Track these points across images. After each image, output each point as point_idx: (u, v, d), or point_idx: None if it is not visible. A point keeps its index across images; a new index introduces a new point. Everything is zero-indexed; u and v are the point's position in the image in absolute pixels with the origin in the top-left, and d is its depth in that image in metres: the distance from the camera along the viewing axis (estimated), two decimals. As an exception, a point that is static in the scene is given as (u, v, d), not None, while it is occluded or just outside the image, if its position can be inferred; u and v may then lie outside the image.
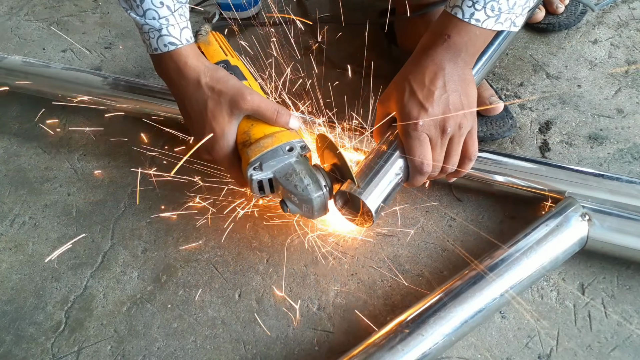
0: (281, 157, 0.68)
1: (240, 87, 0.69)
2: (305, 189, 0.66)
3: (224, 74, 0.71)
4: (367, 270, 0.78)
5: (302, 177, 0.67)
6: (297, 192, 0.66)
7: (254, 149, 0.68)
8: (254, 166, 0.68)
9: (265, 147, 0.68)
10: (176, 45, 0.68)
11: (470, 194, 0.85)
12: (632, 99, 0.94)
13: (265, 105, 0.70)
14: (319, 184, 0.67)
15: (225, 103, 0.69)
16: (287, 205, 0.69)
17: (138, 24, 0.68)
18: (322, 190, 0.67)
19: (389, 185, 0.67)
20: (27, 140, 1.02)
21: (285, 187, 0.67)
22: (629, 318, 0.71)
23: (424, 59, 0.65)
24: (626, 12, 1.09)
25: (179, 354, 0.73)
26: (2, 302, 0.81)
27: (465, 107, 0.65)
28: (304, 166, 0.68)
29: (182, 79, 0.70)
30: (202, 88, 0.69)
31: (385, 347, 0.63)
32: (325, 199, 0.67)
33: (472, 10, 0.62)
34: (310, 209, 0.67)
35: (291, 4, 1.22)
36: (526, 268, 0.68)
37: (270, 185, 0.69)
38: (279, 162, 0.68)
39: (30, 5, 1.31)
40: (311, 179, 0.67)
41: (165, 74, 0.72)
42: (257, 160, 0.67)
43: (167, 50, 0.69)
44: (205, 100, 0.69)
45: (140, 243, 0.85)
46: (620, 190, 0.74)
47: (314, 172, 0.68)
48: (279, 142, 0.69)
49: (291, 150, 0.69)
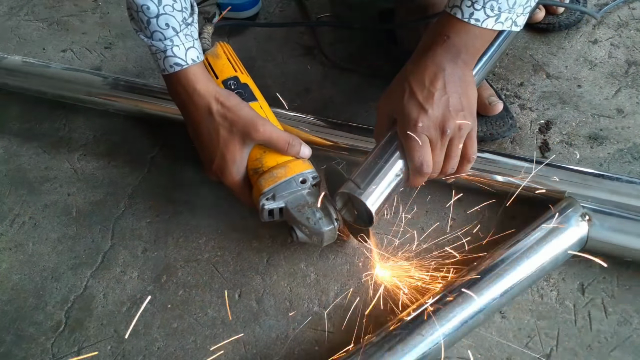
0: (294, 188, 0.69)
1: (252, 117, 0.70)
2: (317, 222, 0.68)
3: (235, 101, 0.71)
4: (367, 270, 0.78)
5: (314, 209, 0.68)
6: (309, 225, 0.68)
7: (267, 179, 0.70)
8: (267, 197, 0.69)
9: (279, 178, 0.69)
10: (182, 66, 0.69)
11: (470, 194, 0.85)
12: (632, 99, 0.94)
13: (277, 136, 0.71)
14: (331, 218, 0.68)
15: (238, 132, 0.70)
16: (297, 234, 0.70)
17: (148, 47, 0.69)
18: (333, 224, 0.68)
19: (389, 186, 0.67)
20: (27, 140, 1.02)
21: (297, 219, 0.68)
22: (629, 318, 0.71)
23: (423, 60, 0.65)
24: (626, 12, 1.09)
25: (179, 354, 0.73)
26: (2, 302, 0.81)
27: (465, 109, 0.65)
28: (315, 199, 0.69)
29: (192, 105, 0.71)
30: (213, 115, 0.70)
31: (385, 347, 0.63)
32: (335, 231, 0.69)
33: (471, 10, 0.62)
34: (320, 240, 0.70)
35: (291, 4, 1.22)
36: (526, 268, 0.68)
37: (280, 212, 0.71)
38: (291, 193, 0.69)
39: (30, 5, 1.31)
40: (323, 212, 0.68)
41: (175, 96, 0.73)
42: (270, 191, 0.69)
43: (173, 72, 0.69)
44: (216, 128, 0.70)
45: (140, 243, 0.85)
46: (620, 190, 0.74)
47: (326, 205, 0.69)
48: (292, 173, 0.70)
49: (304, 182, 0.70)
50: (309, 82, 1.05)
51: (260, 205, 0.69)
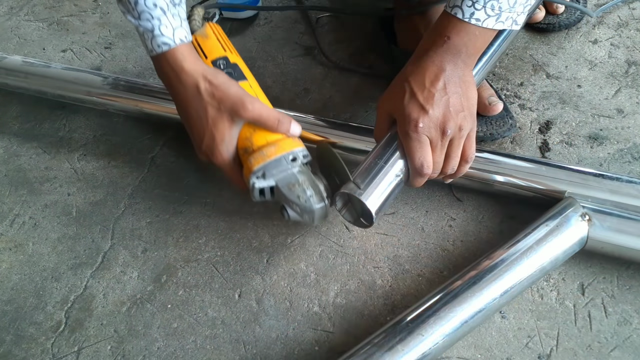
0: (284, 167, 0.69)
1: (241, 95, 0.69)
2: (308, 200, 0.67)
3: (224, 79, 0.70)
4: (367, 270, 0.78)
5: (304, 188, 0.68)
6: (300, 203, 0.67)
7: (256, 158, 0.69)
8: (257, 175, 0.68)
9: (268, 156, 0.69)
10: (169, 46, 0.67)
11: (470, 194, 0.85)
12: (632, 99, 0.94)
13: (266, 114, 0.69)
14: (322, 195, 0.68)
15: (226, 111, 0.69)
16: (288, 213, 0.69)
17: (135, 28, 0.68)
18: (324, 201, 0.68)
19: (389, 186, 0.67)
20: (27, 140, 1.02)
21: (288, 197, 0.68)
22: (629, 318, 0.71)
23: (424, 61, 0.65)
24: (626, 12, 1.09)
25: (179, 354, 0.73)
26: (2, 302, 0.81)
27: (466, 109, 0.65)
28: (306, 177, 0.69)
29: (180, 84, 0.70)
30: (201, 94, 0.68)
31: (385, 347, 0.63)
32: (326, 209, 0.69)
33: (472, 10, 0.62)
34: (311, 219, 0.69)
35: (291, 4, 1.22)
36: (526, 268, 0.68)
37: (271, 191, 0.70)
38: (282, 171, 0.68)
39: (30, 5, 1.31)
40: (314, 190, 0.68)
41: (163, 77, 0.72)
42: (260, 169, 0.68)
43: (161, 51, 0.68)
44: (205, 107, 0.69)
45: (140, 243, 0.85)
46: (620, 190, 0.74)
47: (317, 183, 0.69)
48: (282, 151, 0.69)
49: (294, 160, 0.69)
50: (309, 82, 1.05)
51: (251, 184, 0.68)
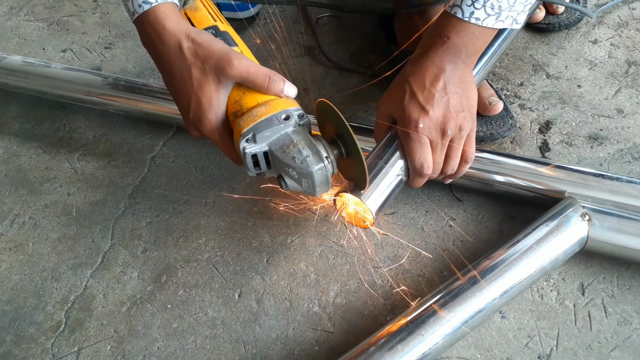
0: (276, 126, 0.61)
1: (226, 51, 0.63)
2: (305, 160, 0.59)
3: (208, 37, 0.64)
4: (367, 270, 0.78)
5: (300, 148, 0.60)
6: (296, 165, 0.59)
7: (246, 119, 0.62)
8: (246, 137, 0.61)
9: (259, 117, 0.62)
10: (150, 4, 0.63)
11: (470, 194, 0.85)
12: (632, 99, 0.94)
13: (255, 70, 0.63)
14: (320, 156, 0.60)
15: (211, 70, 0.63)
16: (286, 182, 0.62)
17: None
18: (323, 162, 0.60)
19: (390, 186, 0.67)
20: (27, 140, 1.02)
21: (282, 160, 0.60)
22: (629, 318, 0.71)
23: (424, 61, 0.65)
24: (626, 12, 1.09)
25: (179, 354, 0.73)
26: (2, 302, 0.81)
27: (466, 109, 0.65)
28: (302, 136, 0.61)
29: (162, 44, 0.64)
30: (184, 54, 0.63)
31: (385, 347, 0.63)
32: (327, 172, 0.61)
33: (471, 9, 0.62)
34: (311, 184, 0.61)
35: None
36: (526, 268, 0.68)
37: (267, 161, 0.62)
38: (274, 132, 0.61)
39: (30, 5, 1.31)
40: (311, 150, 0.60)
41: (146, 42, 0.66)
42: (249, 131, 0.61)
43: (142, 11, 0.63)
44: (188, 68, 0.63)
45: (140, 243, 0.85)
46: (620, 190, 0.74)
47: (314, 143, 0.61)
48: (274, 110, 0.62)
49: (287, 119, 0.62)
50: (309, 82, 1.05)
51: (241, 150, 0.61)
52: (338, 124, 0.62)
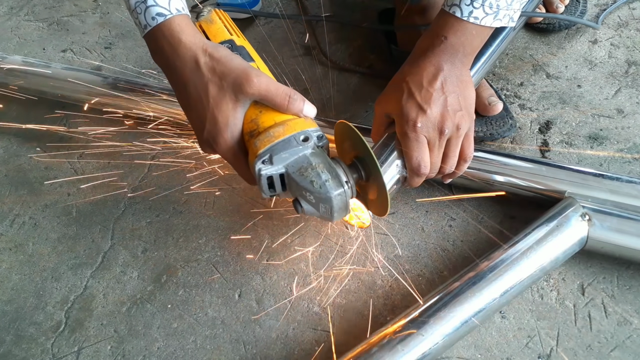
0: (294, 148, 0.58)
1: (245, 68, 0.61)
2: (324, 185, 0.57)
3: (225, 52, 0.62)
4: (367, 270, 0.78)
5: (319, 171, 0.57)
6: (314, 190, 0.57)
7: (262, 140, 0.59)
8: (262, 159, 0.58)
9: (276, 137, 0.59)
10: (165, 16, 0.60)
11: (470, 194, 0.85)
12: (632, 99, 0.94)
13: (275, 89, 0.61)
14: (340, 180, 0.58)
15: (229, 87, 0.60)
16: (302, 205, 0.60)
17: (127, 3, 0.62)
18: (342, 187, 0.57)
19: (387, 186, 0.67)
20: (27, 140, 1.02)
21: (300, 184, 0.58)
22: (629, 318, 0.71)
23: (421, 60, 0.65)
24: (626, 12, 1.09)
25: (179, 354, 0.73)
26: (2, 302, 0.81)
27: (464, 108, 0.65)
28: (321, 159, 0.58)
29: (177, 59, 0.61)
30: (200, 69, 0.61)
31: (385, 347, 0.63)
32: (346, 197, 0.59)
33: (470, 9, 0.62)
34: (329, 210, 0.58)
35: (291, 3, 1.22)
36: (526, 268, 0.68)
37: (282, 182, 0.60)
38: (292, 154, 0.58)
39: (30, 5, 1.32)
40: (330, 174, 0.57)
41: (159, 56, 0.64)
42: (266, 152, 0.58)
43: (156, 24, 0.60)
44: (205, 85, 0.61)
45: (140, 243, 0.85)
46: (620, 190, 0.74)
47: (334, 166, 0.59)
48: (292, 131, 0.60)
49: (306, 140, 0.59)
50: (309, 82, 1.05)
51: (257, 172, 0.58)
52: (359, 146, 0.60)
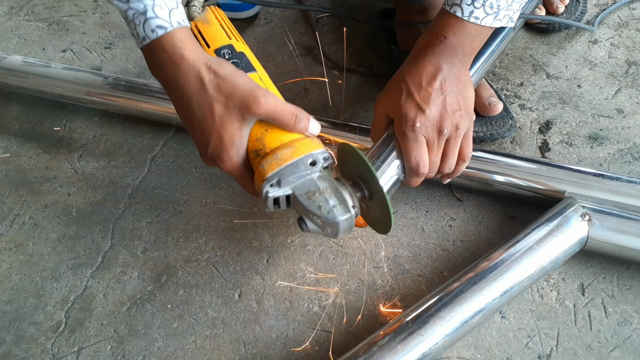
0: (302, 172, 0.59)
1: (252, 87, 0.60)
2: (331, 211, 0.58)
3: (230, 69, 0.61)
4: (367, 270, 0.78)
5: (326, 197, 0.58)
6: (321, 215, 0.58)
7: (270, 162, 0.59)
8: (271, 183, 0.59)
9: (284, 160, 0.59)
10: (165, 29, 0.58)
11: (470, 194, 0.85)
12: (632, 99, 0.94)
13: (282, 109, 0.60)
14: (347, 205, 0.59)
15: (235, 107, 0.59)
16: (307, 225, 0.61)
17: (124, 14, 0.60)
18: (350, 212, 0.59)
19: (386, 186, 0.67)
20: (27, 140, 1.02)
21: (307, 208, 0.59)
22: (629, 318, 0.71)
23: (421, 60, 0.65)
24: (626, 12, 1.09)
25: (179, 354, 0.73)
26: (2, 302, 0.81)
27: (463, 108, 0.65)
28: (328, 183, 0.59)
29: (180, 75, 0.60)
30: (205, 88, 0.60)
31: (385, 347, 0.63)
32: (352, 221, 0.60)
33: (471, 9, 0.62)
34: (334, 232, 0.60)
35: (291, 3, 1.22)
36: (526, 268, 0.68)
37: (287, 200, 0.61)
38: (299, 177, 0.59)
39: (30, 5, 1.31)
40: (338, 200, 0.58)
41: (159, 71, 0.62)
42: (274, 176, 0.59)
43: (155, 37, 0.58)
44: (210, 103, 0.60)
45: (140, 243, 0.85)
46: (620, 190, 0.74)
47: (340, 190, 0.60)
48: (300, 153, 0.60)
49: (314, 164, 0.60)
50: (309, 82, 1.05)
51: (264, 194, 0.59)
52: (363, 168, 0.61)
